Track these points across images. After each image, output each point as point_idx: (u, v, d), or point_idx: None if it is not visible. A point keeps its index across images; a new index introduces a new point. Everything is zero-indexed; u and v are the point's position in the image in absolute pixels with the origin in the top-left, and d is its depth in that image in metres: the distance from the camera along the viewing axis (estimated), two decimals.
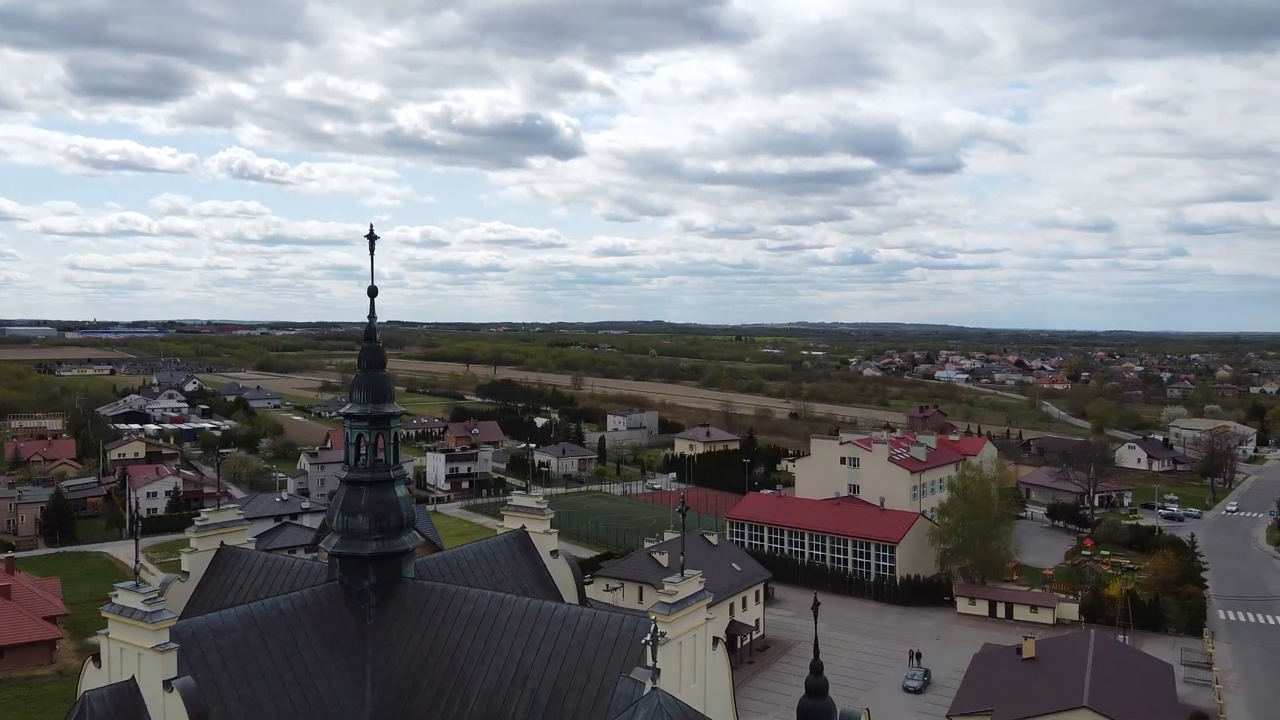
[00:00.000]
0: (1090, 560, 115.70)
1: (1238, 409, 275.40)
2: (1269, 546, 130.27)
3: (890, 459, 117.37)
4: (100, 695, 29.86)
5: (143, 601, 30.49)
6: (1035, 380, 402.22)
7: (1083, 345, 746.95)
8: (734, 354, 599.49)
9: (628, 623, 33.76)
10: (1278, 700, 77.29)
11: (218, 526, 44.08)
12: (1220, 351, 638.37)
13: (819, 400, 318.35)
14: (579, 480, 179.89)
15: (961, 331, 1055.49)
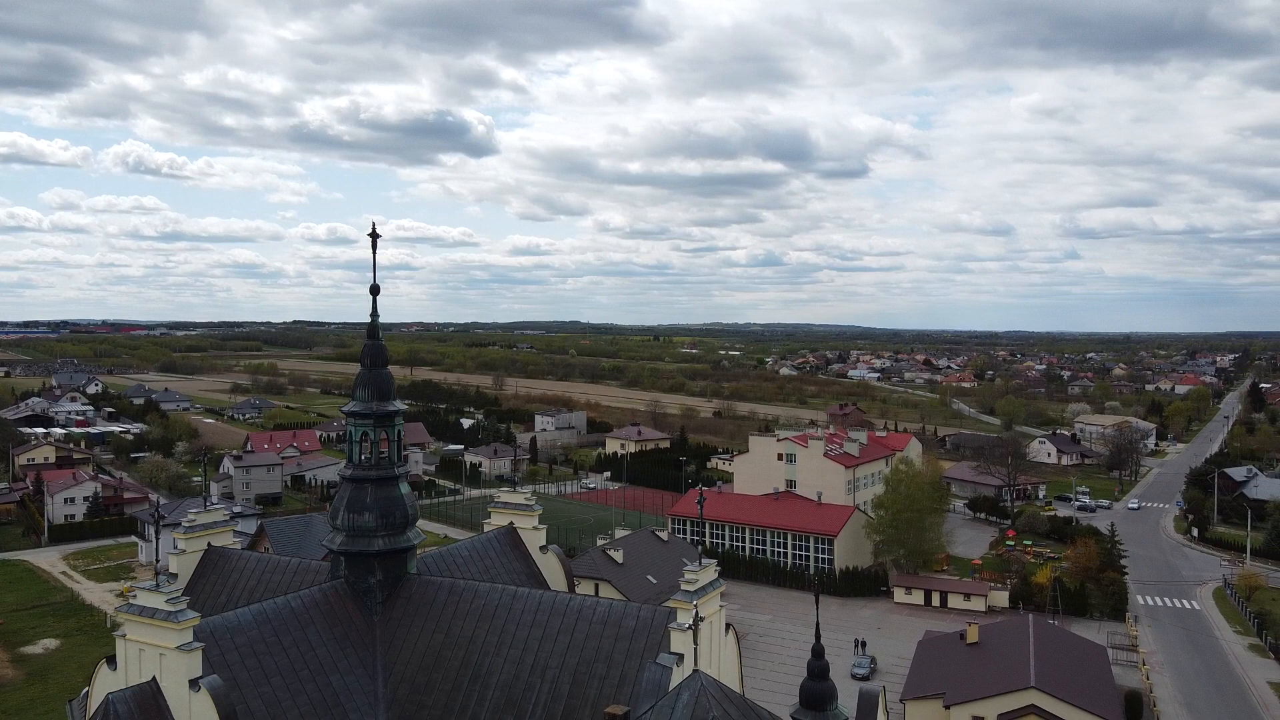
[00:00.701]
0: (1014, 550, 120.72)
1: (1136, 405, 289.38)
2: (1178, 535, 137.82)
3: (826, 455, 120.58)
4: (123, 696, 29.59)
5: (166, 601, 30.27)
6: (944, 379, 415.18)
7: (984, 345, 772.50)
8: (653, 354, 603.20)
9: (645, 612, 34.74)
10: (1200, 679, 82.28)
11: (204, 528, 43.62)
12: (1114, 351, 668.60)
13: (740, 399, 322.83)
14: (511, 481, 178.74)
15: (869, 332, 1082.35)
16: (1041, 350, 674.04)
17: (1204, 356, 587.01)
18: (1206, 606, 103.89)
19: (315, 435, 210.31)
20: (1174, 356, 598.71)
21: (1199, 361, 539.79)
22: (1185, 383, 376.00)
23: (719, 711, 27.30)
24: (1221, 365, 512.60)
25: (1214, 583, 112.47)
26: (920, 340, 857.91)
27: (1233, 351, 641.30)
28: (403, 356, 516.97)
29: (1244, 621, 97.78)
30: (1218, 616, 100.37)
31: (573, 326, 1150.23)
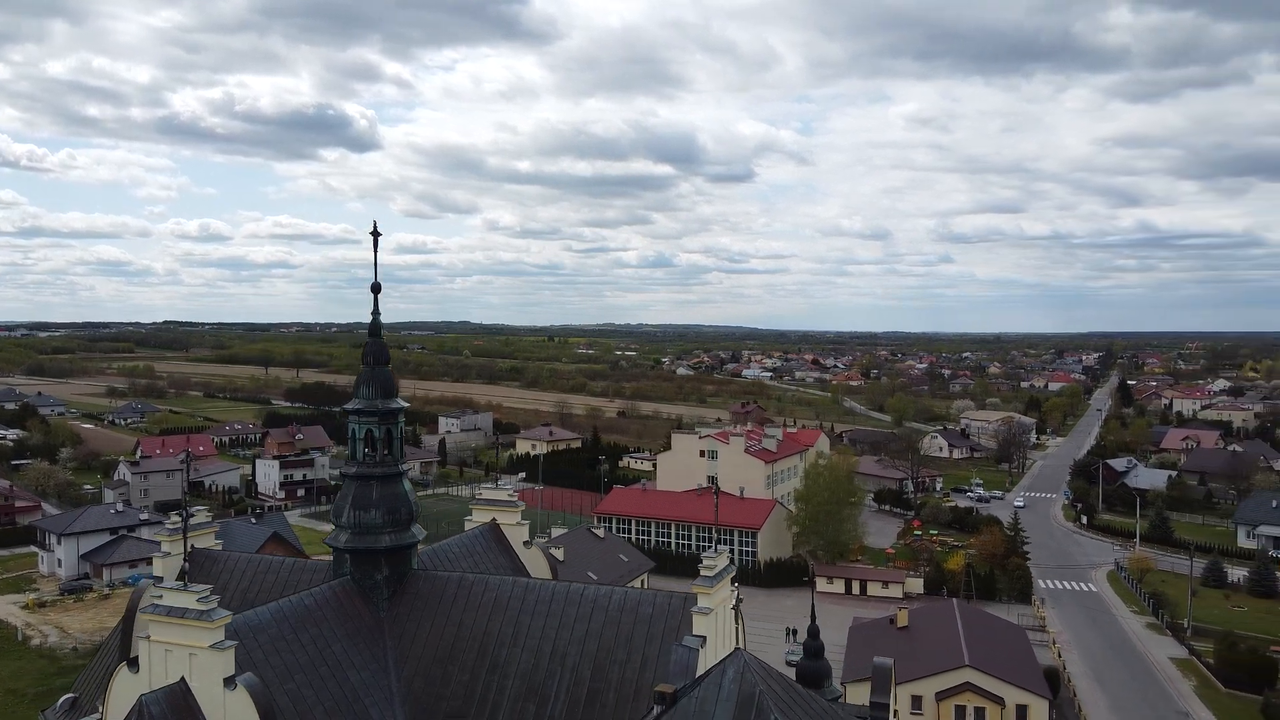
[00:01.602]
0: (921, 539, 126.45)
1: (1015, 401, 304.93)
2: (1067, 523, 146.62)
3: (746, 450, 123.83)
4: (155, 698, 29.34)
5: (197, 600, 30.07)
6: (833, 378, 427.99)
7: (866, 345, 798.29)
8: (550, 354, 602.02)
9: (660, 598, 36.01)
10: (1106, 656, 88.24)
11: (188, 529, 42.79)
12: (987, 350, 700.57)
13: (642, 399, 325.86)
14: (423, 484, 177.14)
15: (756, 333, 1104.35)
16: (919, 350, 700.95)
17: (1071, 355, 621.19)
18: (1102, 588, 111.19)
19: (210, 440, 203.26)
20: (1043, 355, 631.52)
21: (1066, 360, 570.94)
22: (1056, 380, 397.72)
23: (764, 685, 28.84)
24: (1088, 364, 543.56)
25: (1107, 566, 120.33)
26: (805, 340, 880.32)
27: (1096, 350, 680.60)
28: (287, 358, 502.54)
29: (1139, 602, 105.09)
30: (1114, 597, 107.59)
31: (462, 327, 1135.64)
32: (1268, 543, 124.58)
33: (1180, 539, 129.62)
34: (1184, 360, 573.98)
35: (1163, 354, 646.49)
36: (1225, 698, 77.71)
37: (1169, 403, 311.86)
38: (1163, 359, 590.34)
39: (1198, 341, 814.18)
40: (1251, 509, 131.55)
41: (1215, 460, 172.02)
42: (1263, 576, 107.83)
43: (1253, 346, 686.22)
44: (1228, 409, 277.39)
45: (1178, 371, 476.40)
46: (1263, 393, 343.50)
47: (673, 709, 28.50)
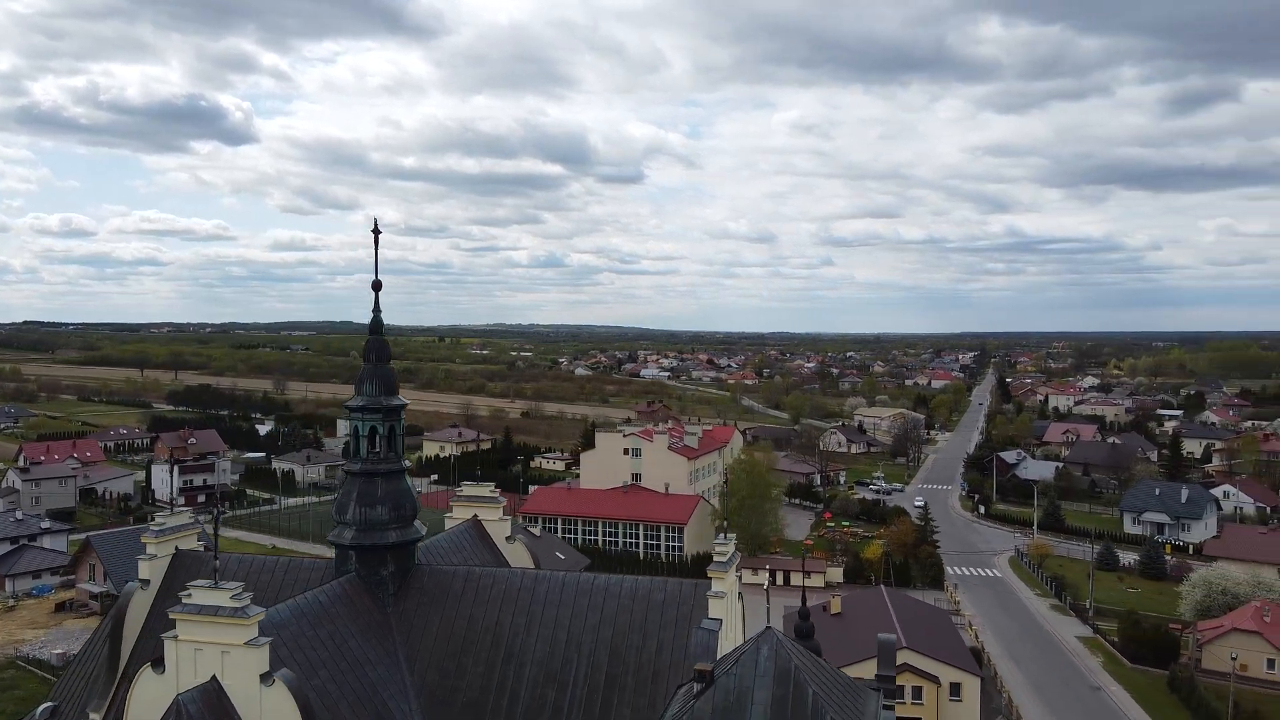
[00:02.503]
0: (834, 531, 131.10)
1: (902, 398, 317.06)
2: (966, 513, 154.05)
3: (669, 448, 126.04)
4: (192, 697, 29.14)
5: (231, 598, 29.98)
6: (728, 377, 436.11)
7: (754, 345, 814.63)
8: (443, 355, 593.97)
9: (671, 585, 37.27)
10: (1018, 636, 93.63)
11: (172, 531, 41.93)
12: (869, 349, 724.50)
13: (544, 399, 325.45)
14: (329, 488, 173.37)
15: (649, 333, 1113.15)
16: (806, 349, 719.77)
17: (948, 354, 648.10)
18: (1006, 574, 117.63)
19: (97, 445, 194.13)
20: (922, 354, 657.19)
21: (944, 359, 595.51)
22: (938, 378, 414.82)
23: (798, 661, 30.47)
24: (964, 362, 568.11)
25: (1007, 553, 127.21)
26: (697, 341, 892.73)
27: (971, 350, 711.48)
28: (164, 360, 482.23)
29: (1041, 585, 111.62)
30: (1017, 582, 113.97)
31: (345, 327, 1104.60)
32: (1152, 529, 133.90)
33: (1072, 526, 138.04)
34: (1053, 359, 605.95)
35: (1032, 353, 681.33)
36: (1132, 672, 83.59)
37: (1045, 398, 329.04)
38: (1033, 358, 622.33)
39: (1063, 341, 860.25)
40: (1135, 497, 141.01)
41: (1097, 452, 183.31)
42: (1153, 560, 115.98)
43: (1114, 346, 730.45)
44: (1100, 404, 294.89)
45: (1048, 370, 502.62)
46: (1129, 389, 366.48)
47: (712, 686, 29.87)
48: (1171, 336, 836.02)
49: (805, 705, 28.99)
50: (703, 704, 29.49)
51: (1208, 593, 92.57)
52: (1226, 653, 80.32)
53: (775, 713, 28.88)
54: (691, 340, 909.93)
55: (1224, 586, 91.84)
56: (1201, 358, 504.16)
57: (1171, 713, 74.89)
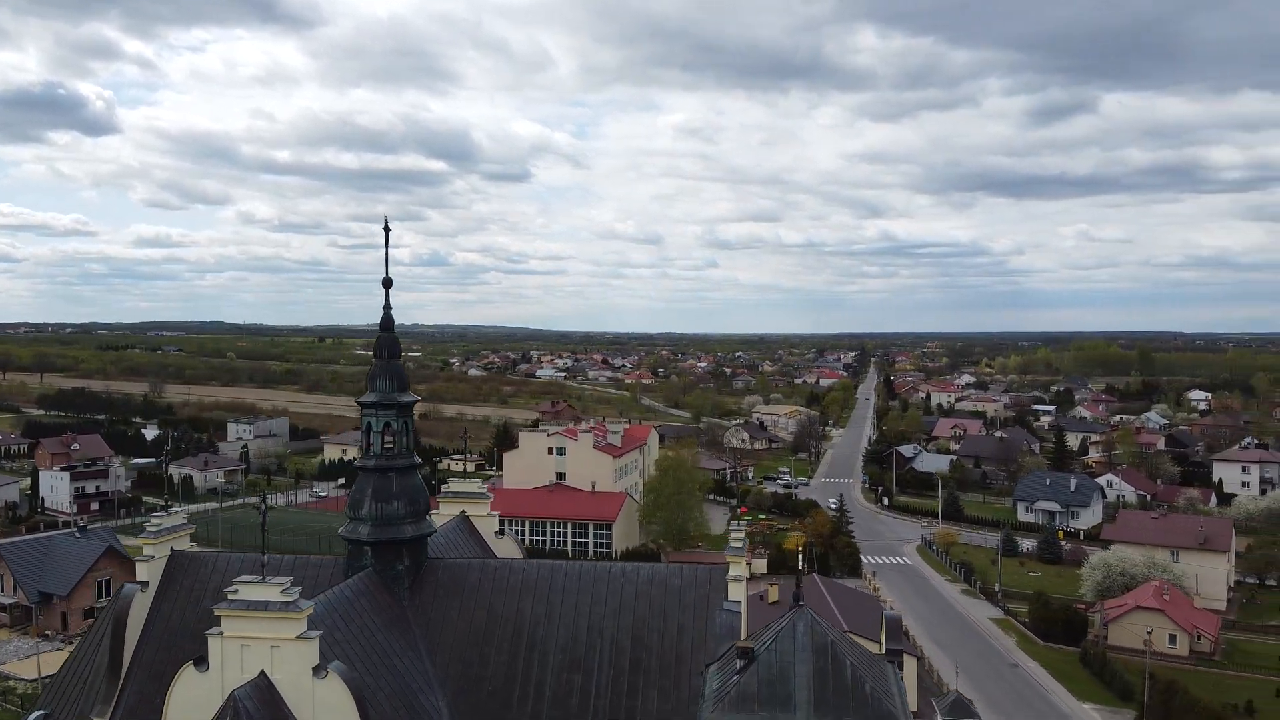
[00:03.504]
0: (751, 524, 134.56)
1: (795, 396, 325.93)
2: (869, 505, 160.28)
3: (594, 446, 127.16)
4: (246, 692, 29.24)
5: (281, 592, 30.12)
6: (625, 376, 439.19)
7: (644, 345, 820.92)
8: (326, 356, 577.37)
9: (687, 571, 38.74)
10: (936, 619, 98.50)
11: (168, 532, 41.11)
12: (757, 349, 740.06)
13: (438, 400, 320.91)
14: (229, 493, 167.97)
15: (538, 333, 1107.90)
16: (696, 349, 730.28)
17: (831, 354, 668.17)
18: (915, 561, 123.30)
19: None
20: (807, 354, 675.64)
21: (828, 358, 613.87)
22: (826, 376, 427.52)
23: (832, 635, 32.45)
24: (847, 361, 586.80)
25: (914, 542, 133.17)
26: (587, 341, 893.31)
27: (851, 349, 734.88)
28: (28, 362, 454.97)
29: (950, 571, 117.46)
30: (927, 569, 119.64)
31: (216, 327, 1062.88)
32: (1045, 516, 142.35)
33: (971, 516, 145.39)
34: (929, 358, 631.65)
35: (909, 352, 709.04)
36: (1045, 650, 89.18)
37: (927, 395, 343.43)
38: (910, 357, 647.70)
39: (936, 341, 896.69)
40: (1028, 487, 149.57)
41: (987, 446, 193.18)
42: (1050, 545, 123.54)
43: (984, 345, 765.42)
44: (980, 401, 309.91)
45: (926, 369, 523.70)
46: (1003, 386, 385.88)
47: (755, 661, 31.50)
48: (1035, 337, 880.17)
49: (845, 675, 30.97)
50: (748, 678, 31.11)
51: (1107, 574, 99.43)
52: (1131, 630, 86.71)
53: (818, 683, 30.75)
54: (582, 340, 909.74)
55: (1122, 568, 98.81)
56: (1066, 357, 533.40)
57: (1086, 686, 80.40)
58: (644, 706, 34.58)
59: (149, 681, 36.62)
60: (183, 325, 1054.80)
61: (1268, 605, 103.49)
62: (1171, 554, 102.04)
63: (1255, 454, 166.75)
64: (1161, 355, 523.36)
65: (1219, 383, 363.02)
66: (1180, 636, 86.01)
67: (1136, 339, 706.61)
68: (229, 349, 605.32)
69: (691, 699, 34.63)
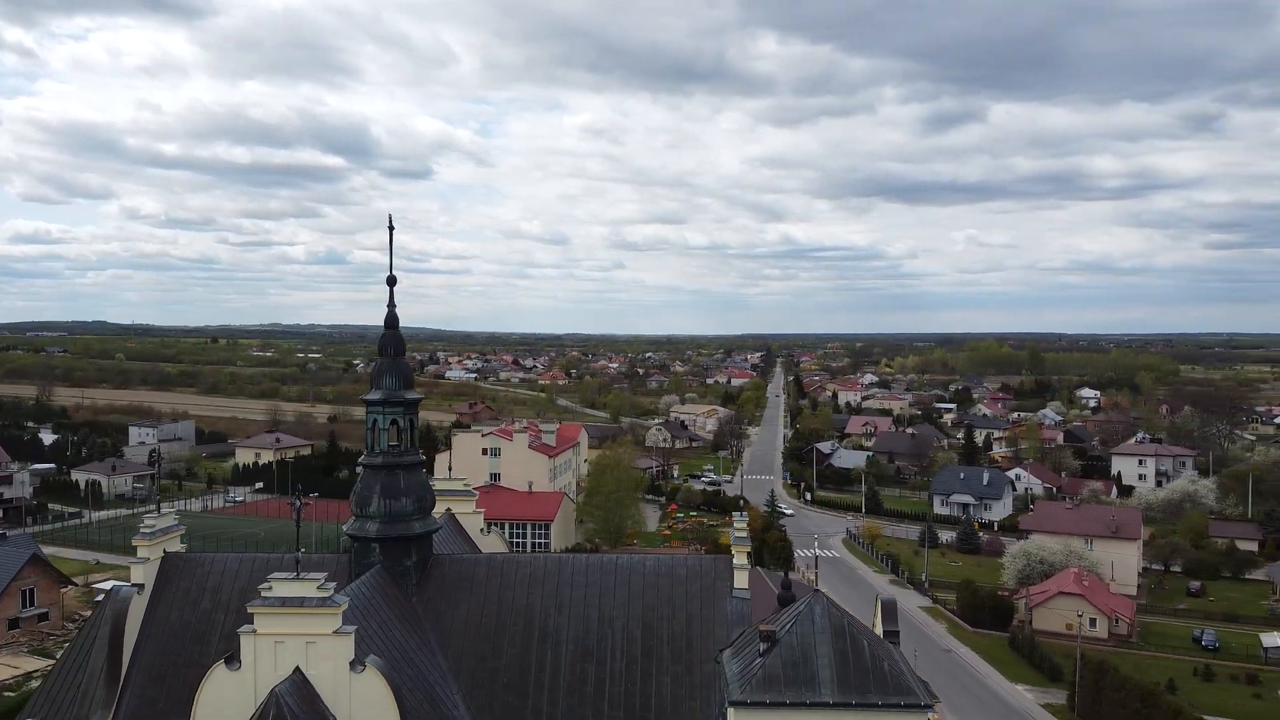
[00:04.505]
0: (683, 521, 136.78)
1: (709, 396, 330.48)
2: (793, 500, 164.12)
3: (529, 446, 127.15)
4: (287, 689, 29.29)
5: (317, 588, 30.20)
6: (538, 377, 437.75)
7: (553, 346, 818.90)
8: (221, 358, 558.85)
9: (691, 561, 39.90)
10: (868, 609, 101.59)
11: (162, 533, 40.32)
12: (665, 350, 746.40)
13: (346, 403, 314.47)
14: (139, 499, 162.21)
15: (441, 334, 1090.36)
16: (605, 350, 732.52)
17: (738, 354, 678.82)
18: (843, 554, 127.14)
19: None
20: (715, 354, 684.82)
21: (736, 358, 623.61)
22: (736, 376, 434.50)
23: (848, 618, 33.99)
24: (754, 362, 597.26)
25: (840, 535, 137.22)
26: (494, 342, 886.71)
27: (755, 350, 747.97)
28: None
29: (877, 563, 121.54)
30: (855, 561, 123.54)
31: (99, 327, 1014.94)
32: (960, 509, 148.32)
33: (890, 509, 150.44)
34: (831, 358, 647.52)
35: (811, 353, 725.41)
36: (974, 636, 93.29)
37: (834, 394, 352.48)
38: (814, 357, 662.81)
39: (836, 342, 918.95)
40: (943, 481, 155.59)
41: (900, 442, 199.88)
42: (968, 537, 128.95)
43: (882, 346, 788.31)
44: (886, 399, 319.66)
45: (830, 368, 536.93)
46: (905, 385, 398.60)
47: (777, 644, 32.80)
48: (929, 338, 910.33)
49: (864, 654, 32.54)
50: (772, 660, 32.39)
51: (1027, 562, 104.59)
52: (1054, 614, 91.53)
53: (839, 663, 32.24)
54: (488, 341, 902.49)
55: (1041, 556, 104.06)
56: (961, 357, 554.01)
57: (1017, 669, 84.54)
58: (658, 692, 35.57)
59: (150, 684, 35.97)
60: (63, 325, 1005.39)
61: (1174, 589, 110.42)
62: (1086, 542, 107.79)
63: (1150, 448, 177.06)
64: (1050, 355, 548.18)
65: (1105, 381, 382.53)
66: (1100, 620, 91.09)
67: (1024, 340, 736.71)
68: (116, 350, 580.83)
69: (704, 684, 35.82)
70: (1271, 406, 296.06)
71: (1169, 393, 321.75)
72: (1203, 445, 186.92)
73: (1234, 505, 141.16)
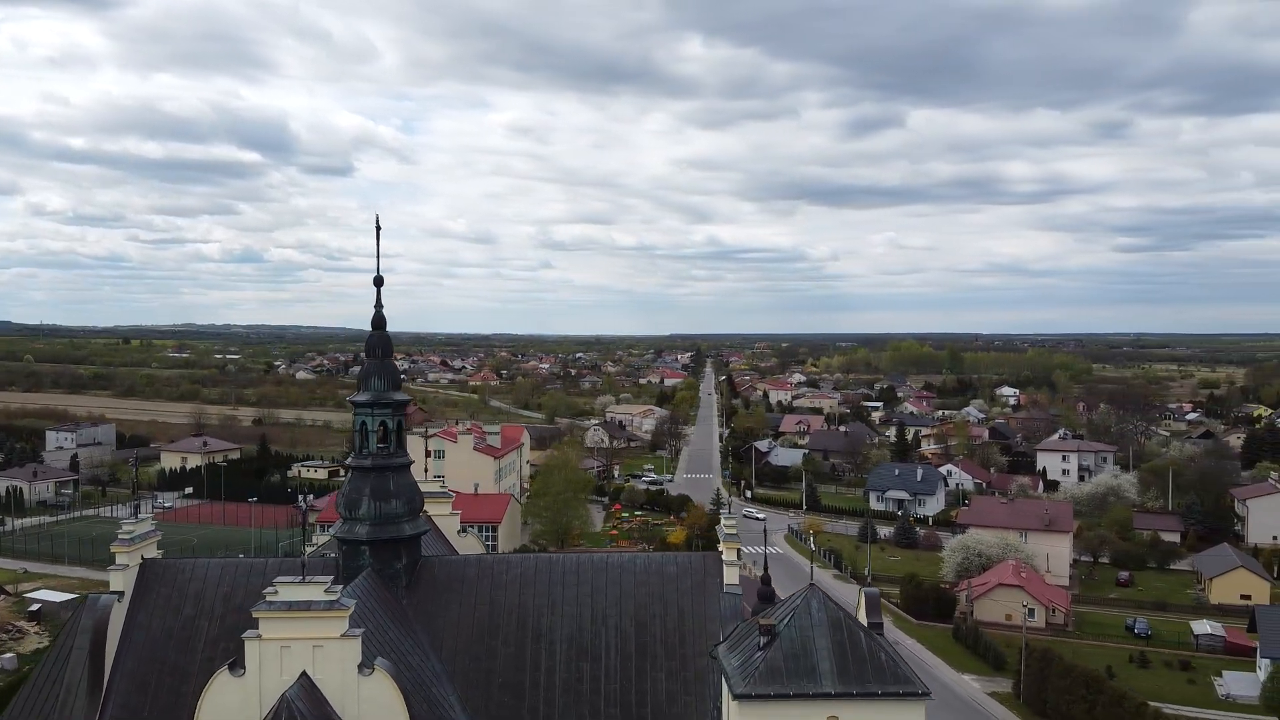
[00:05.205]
0: (629, 520, 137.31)
1: (644, 396, 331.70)
2: (734, 498, 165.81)
3: (474, 448, 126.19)
4: (296, 693, 29.06)
5: (324, 591, 29.97)
6: (468, 378, 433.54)
7: (481, 346, 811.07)
8: (135, 359, 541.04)
9: (681, 558, 40.52)
10: None
11: (140, 539, 39.35)
12: (595, 350, 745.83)
13: (271, 405, 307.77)
14: (62, 506, 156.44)
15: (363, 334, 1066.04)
16: (535, 350, 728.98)
17: (668, 354, 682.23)
18: (786, 550, 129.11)
19: None
20: (645, 354, 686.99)
21: (666, 358, 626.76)
22: (669, 376, 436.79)
23: (842, 614, 34.79)
24: (684, 362, 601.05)
25: (781, 531, 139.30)
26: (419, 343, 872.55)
27: (684, 350, 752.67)
28: None
29: (820, 558, 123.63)
30: (798, 556, 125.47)
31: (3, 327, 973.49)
32: (895, 504, 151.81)
33: (828, 505, 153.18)
34: (759, 358, 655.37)
35: (739, 353, 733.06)
36: (919, 628, 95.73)
37: (765, 393, 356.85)
38: (743, 357, 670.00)
39: (763, 342, 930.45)
40: (879, 477, 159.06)
41: (834, 440, 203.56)
42: (906, 532, 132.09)
43: (808, 346, 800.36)
44: (816, 398, 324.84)
45: (759, 368, 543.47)
46: (832, 384, 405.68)
47: (778, 638, 33.48)
48: (852, 338, 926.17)
49: (861, 646, 33.43)
50: (774, 653, 33.07)
51: (966, 555, 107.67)
52: (995, 605, 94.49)
53: (838, 655, 33.08)
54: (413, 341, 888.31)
55: (979, 550, 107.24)
56: (884, 356, 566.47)
57: (962, 659, 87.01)
58: (653, 688, 36.02)
59: (134, 693, 35.19)
60: None
61: (1104, 580, 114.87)
62: (1021, 536, 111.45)
63: (1073, 444, 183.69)
64: (969, 355, 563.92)
65: (1023, 380, 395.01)
66: (1038, 610, 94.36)
67: (943, 340, 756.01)
68: (24, 351, 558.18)
69: (697, 678, 36.43)
70: (1182, 404, 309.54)
71: (1084, 391, 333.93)
72: (1120, 441, 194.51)
73: (1155, 498, 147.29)
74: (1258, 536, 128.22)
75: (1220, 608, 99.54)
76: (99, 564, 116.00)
